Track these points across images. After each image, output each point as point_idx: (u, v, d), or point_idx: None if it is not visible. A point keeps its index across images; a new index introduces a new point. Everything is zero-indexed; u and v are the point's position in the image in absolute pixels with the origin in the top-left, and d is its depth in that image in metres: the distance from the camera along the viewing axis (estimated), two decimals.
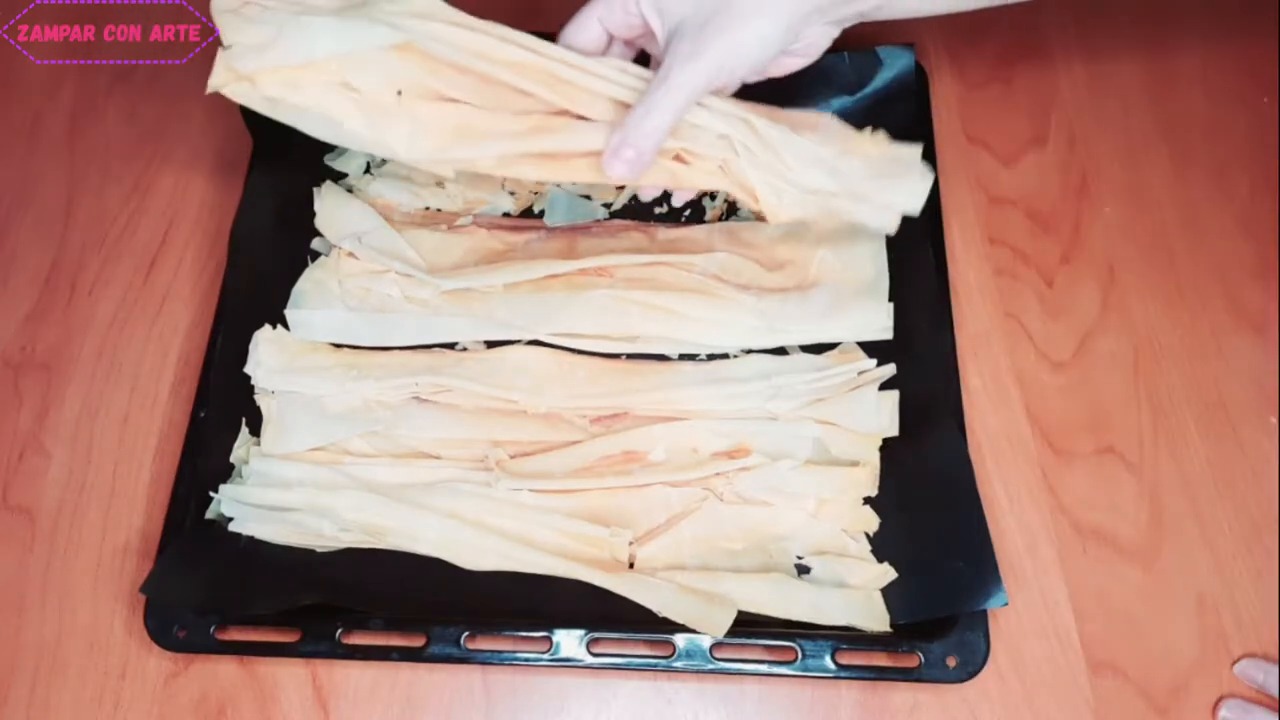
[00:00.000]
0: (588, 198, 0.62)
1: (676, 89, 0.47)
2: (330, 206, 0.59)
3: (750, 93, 0.52)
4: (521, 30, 0.48)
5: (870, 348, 0.57)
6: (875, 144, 0.52)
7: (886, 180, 0.51)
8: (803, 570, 0.52)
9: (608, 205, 0.62)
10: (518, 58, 0.49)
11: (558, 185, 0.62)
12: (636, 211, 0.62)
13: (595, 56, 0.50)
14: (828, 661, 0.48)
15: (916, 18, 0.52)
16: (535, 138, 0.50)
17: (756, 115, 0.50)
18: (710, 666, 0.49)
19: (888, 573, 0.51)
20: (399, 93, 0.49)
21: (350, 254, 0.58)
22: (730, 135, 0.50)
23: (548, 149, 0.50)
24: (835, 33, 0.51)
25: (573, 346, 0.57)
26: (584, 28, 0.50)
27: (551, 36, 0.65)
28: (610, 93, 0.50)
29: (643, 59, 0.53)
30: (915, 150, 0.52)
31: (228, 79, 0.49)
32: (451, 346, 0.57)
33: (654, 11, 0.48)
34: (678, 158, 0.51)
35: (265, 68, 0.48)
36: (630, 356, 0.57)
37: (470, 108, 0.50)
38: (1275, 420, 0.56)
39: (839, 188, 0.51)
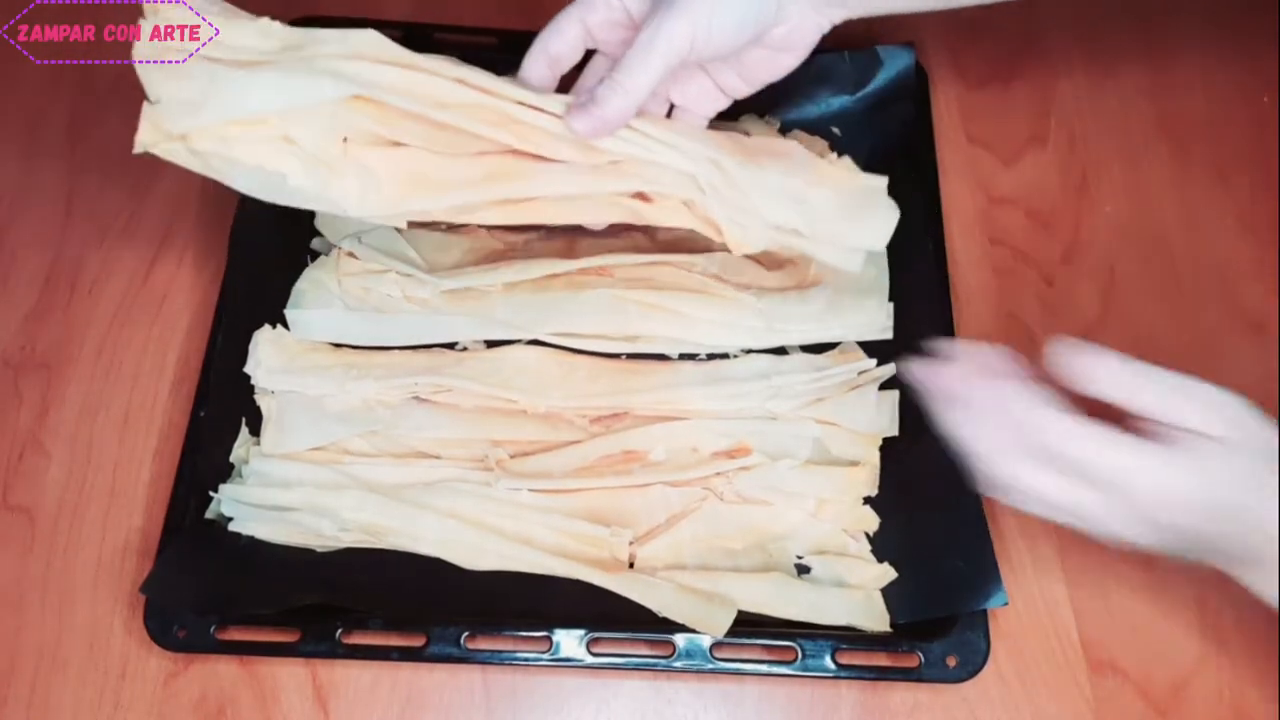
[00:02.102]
0: None
1: (652, 50, 0.45)
2: None
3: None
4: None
5: (870, 348, 0.57)
6: (843, 172, 0.51)
7: (853, 217, 0.50)
8: (803, 570, 0.52)
9: None
10: (471, 99, 0.46)
11: None
12: None
13: (552, 94, 0.48)
14: (828, 661, 0.48)
15: (908, 12, 0.52)
16: (494, 184, 0.47)
17: (724, 153, 0.48)
18: (710, 666, 0.49)
19: (888, 573, 0.51)
20: (344, 140, 0.45)
21: (350, 254, 0.58)
22: (696, 174, 0.48)
23: (509, 195, 0.47)
24: (824, 25, 0.49)
25: (573, 346, 0.57)
26: (563, 31, 0.48)
27: None
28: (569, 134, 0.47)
29: None
30: (881, 182, 0.51)
31: (156, 138, 0.44)
32: (451, 346, 0.57)
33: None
34: (640, 196, 0.49)
35: (197, 127, 0.44)
36: (630, 356, 0.57)
37: (423, 153, 0.46)
38: (1275, 420, 0.56)
39: (805, 223, 0.49)
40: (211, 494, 0.52)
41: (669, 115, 0.52)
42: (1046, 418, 0.40)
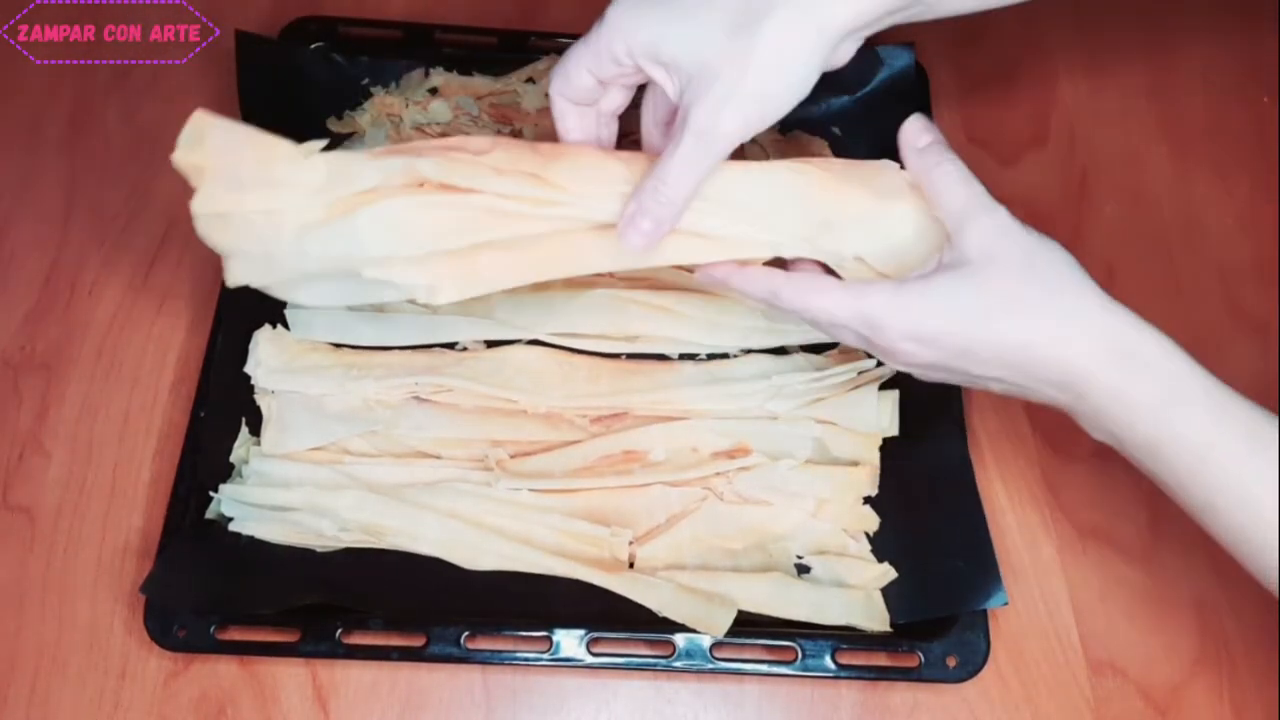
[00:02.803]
0: None
1: (696, 151, 0.42)
2: None
3: None
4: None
5: None
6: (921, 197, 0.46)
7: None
8: (803, 570, 0.52)
9: None
10: (514, 191, 0.44)
11: None
12: None
13: (599, 179, 0.44)
14: (828, 661, 0.48)
15: (945, 17, 0.49)
16: (555, 264, 0.45)
17: (805, 184, 0.45)
18: (710, 666, 0.49)
19: (888, 573, 0.51)
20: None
21: None
22: (780, 245, 0.45)
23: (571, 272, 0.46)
24: (860, 43, 0.45)
25: (573, 346, 0.57)
26: (572, 78, 0.45)
27: (552, 36, 0.65)
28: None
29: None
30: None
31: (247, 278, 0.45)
32: (451, 346, 0.57)
33: (655, 65, 0.43)
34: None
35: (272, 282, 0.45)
36: (630, 356, 0.57)
37: (477, 249, 0.44)
38: (1275, 419, 0.56)
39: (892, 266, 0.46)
40: (211, 494, 0.52)
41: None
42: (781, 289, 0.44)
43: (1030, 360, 0.42)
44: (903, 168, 0.46)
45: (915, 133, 0.46)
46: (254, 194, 0.43)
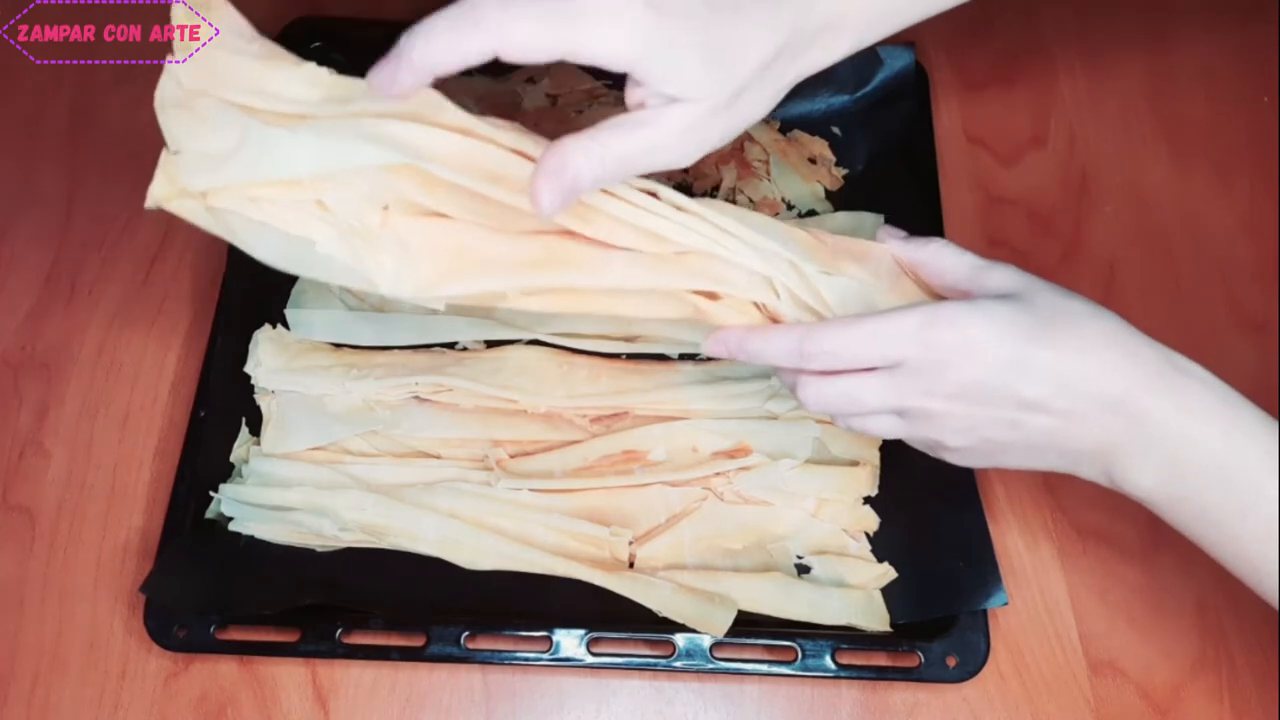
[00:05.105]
0: None
1: (636, 154, 0.38)
2: None
3: None
4: None
5: None
6: (916, 290, 0.45)
7: None
8: (803, 570, 0.52)
9: None
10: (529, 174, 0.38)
11: None
12: None
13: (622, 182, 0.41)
14: (828, 661, 0.48)
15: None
16: (547, 270, 0.41)
17: (803, 255, 0.43)
18: (710, 666, 0.49)
19: (888, 572, 0.51)
20: (385, 209, 0.40)
21: None
22: (772, 277, 0.43)
23: (562, 283, 0.42)
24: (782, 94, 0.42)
25: (573, 346, 0.57)
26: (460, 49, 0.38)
27: None
28: (636, 220, 0.41)
29: None
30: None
31: (170, 192, 0.39)
32: (451, 346, 0.57)
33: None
34: (706, 293, 0.44)
35: (221, 185, 0.39)
36: (630, 356, 0.57)
37: (470, 227, 0.41)
38: (1275, 420, 0.56)
39: None
40: (211, 494, 0.52)
41: None
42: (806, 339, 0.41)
43: (1087, 370, 0.39)
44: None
45: (889, 231, 0.45)
46: (235, 89, 0.39)
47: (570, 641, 0.49)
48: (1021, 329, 0.39)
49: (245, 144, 0.39)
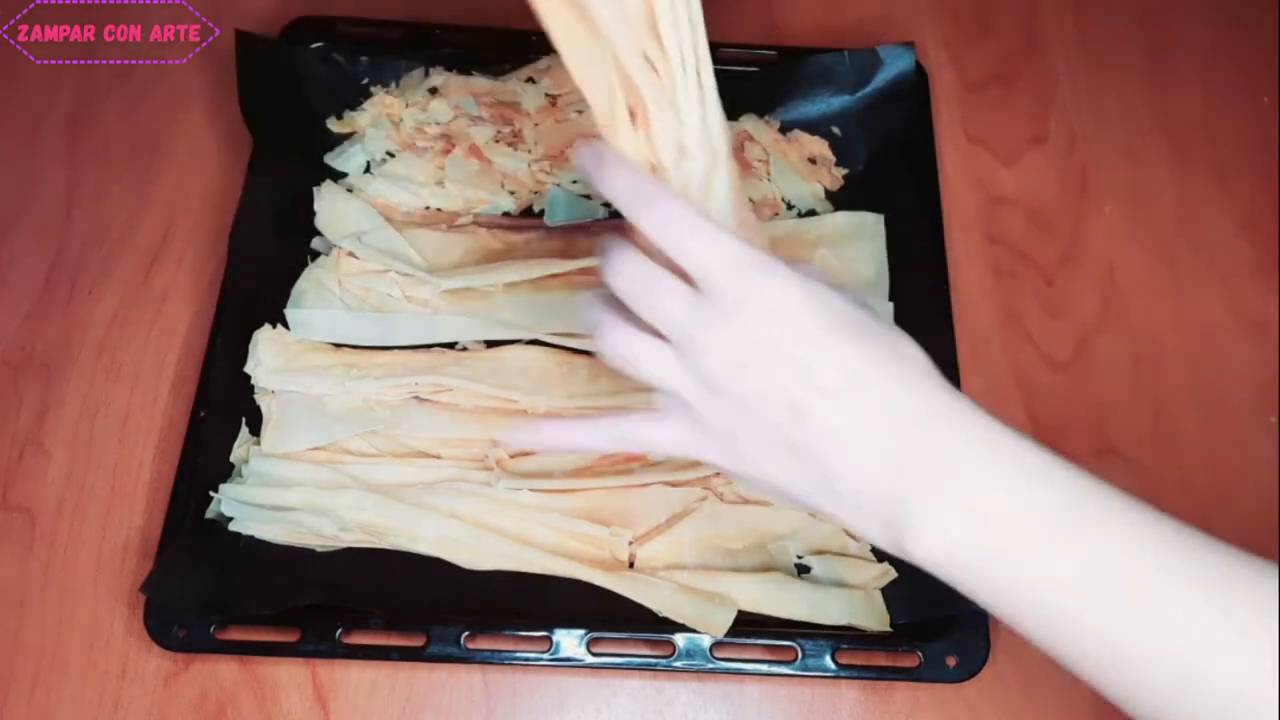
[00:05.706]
0: (588, 197, 0.62)
1: None
2: (330, 206, 0.59)
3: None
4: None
5: None
6: None
7: None
8: (803, 570, 0.52)
9: (608, 204, 0.62)
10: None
11: (558, 184, 0.62)
12: None
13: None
14: (828, 661, 0.48)
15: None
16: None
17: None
18: (710, 666, 0.49)
19: (888, 572, 0.51)
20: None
21: (350, 254, 0.58)
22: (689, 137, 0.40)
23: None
24: None
25: (573, 346, 0.57)
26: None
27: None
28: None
29: None
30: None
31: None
32: (451, 346, 0.57)
33: None
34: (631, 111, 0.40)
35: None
36: None
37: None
38: (1275, 420, 0.56)
39: None
40: (211, 494, 0.52)
41: None
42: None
43: (892, 385, 0.34)
44: None
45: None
46: None
47: (570, 641, 0.49)
48: (840, 318, 0.34)
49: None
